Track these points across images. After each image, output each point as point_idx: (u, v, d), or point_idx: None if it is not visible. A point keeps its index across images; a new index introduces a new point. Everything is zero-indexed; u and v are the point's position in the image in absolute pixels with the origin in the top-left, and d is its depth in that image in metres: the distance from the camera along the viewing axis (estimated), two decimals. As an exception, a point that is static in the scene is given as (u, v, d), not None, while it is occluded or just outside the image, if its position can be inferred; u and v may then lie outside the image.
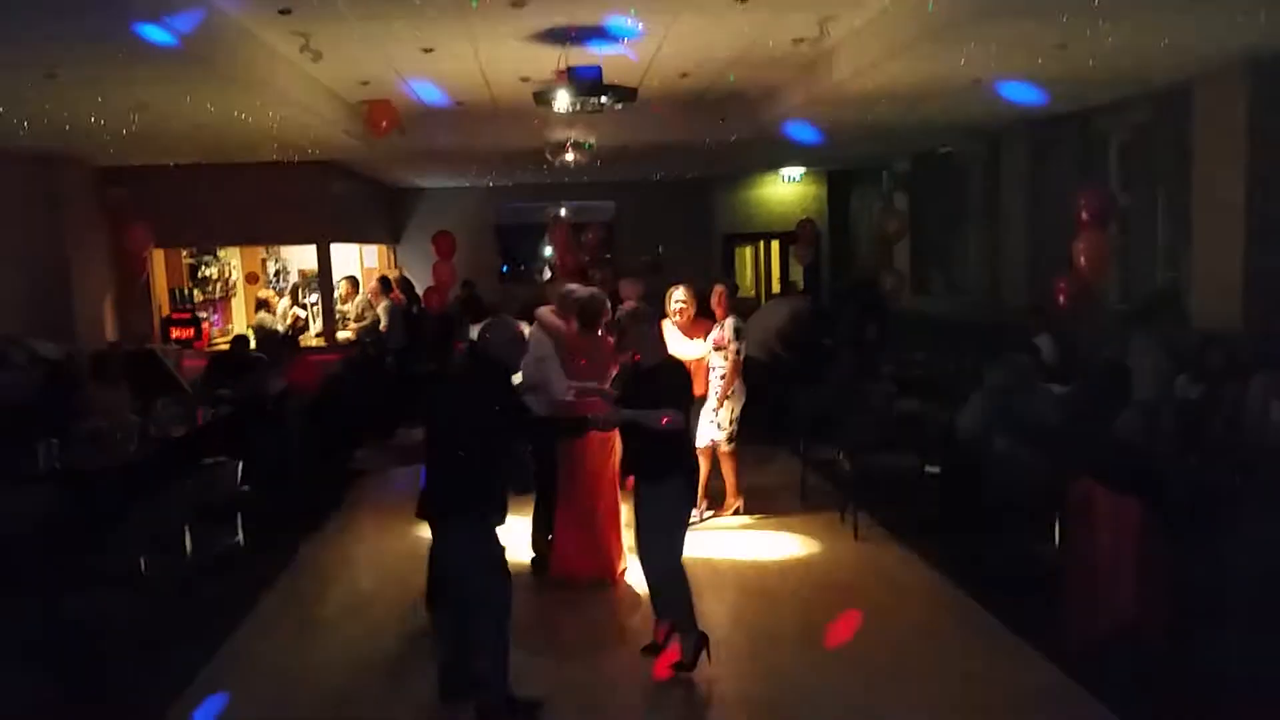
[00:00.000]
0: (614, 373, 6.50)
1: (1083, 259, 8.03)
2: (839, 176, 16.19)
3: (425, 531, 5.04)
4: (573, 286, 7.08)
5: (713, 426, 7.45)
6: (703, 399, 7.32)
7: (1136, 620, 4.84)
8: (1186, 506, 4.89)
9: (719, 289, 7.63)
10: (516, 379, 6.24)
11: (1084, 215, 8.00)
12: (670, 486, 5.00)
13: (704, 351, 7.35)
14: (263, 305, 12.83)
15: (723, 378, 7.36)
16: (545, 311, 6.92)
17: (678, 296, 7.44)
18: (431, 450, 4.77)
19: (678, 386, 5.13)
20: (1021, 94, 7.90)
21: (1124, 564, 4.92)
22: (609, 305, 6.76)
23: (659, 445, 4.94)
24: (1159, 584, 4.80)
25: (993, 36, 6.04)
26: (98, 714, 4.90)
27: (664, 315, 7.13)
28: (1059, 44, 6.26)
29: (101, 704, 4.98)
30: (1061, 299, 8.37)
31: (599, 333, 6.59)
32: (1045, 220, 9.95)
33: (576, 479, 6.42)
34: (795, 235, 14.92)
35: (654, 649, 5.19)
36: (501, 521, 4.68)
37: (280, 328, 12.09)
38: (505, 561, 4.70)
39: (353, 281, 13.14)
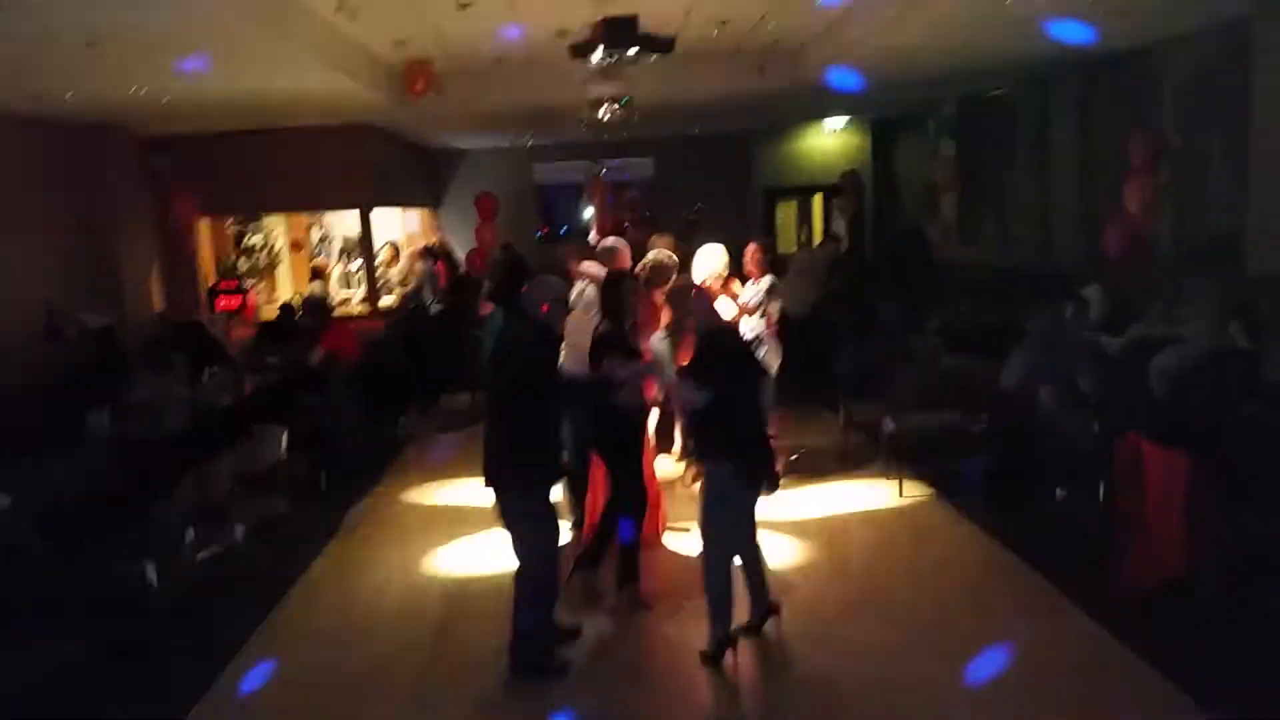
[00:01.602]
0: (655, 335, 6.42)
1: (1133, 204, 7.79)
2: (883, 125, 15.83)
3: (469, 496, 5.06)
4: (609, 240, 7.00)
5: None
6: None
7: (1185, 576, 4.73)
8: (1238, 458, 4.75)
9: (753, 247, 7.47)
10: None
11: (1135, 159, 7.75)
12: (720, 467, 4.79)
13: (730, 314, 7.17)
14: (317, 274, 12.93)
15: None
16: (590, 264, 6.83)
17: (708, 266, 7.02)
18: (486, 416, 4.78)
19: (729, 356, 4.88)
20: (1069, 32, 7.62)
21: (1172, 519, 4.80)
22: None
23: (709, 420, 4.79)
24: (1208, 539, 4.68)
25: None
26: (151, 678, 5.01)
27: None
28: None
29: (155, 669, 5.09)
30: (1111, 247, 8.13)
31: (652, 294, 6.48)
32: (1098, 165, 9.65)
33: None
34: (838, 187, 14.68)
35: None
36: (551, 486, 4.71)
37: (333, 294, 12.18)
38: (557, 526, 4.77)
39: (394, 247, 13.17)
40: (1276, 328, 5.94)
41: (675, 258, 6.74)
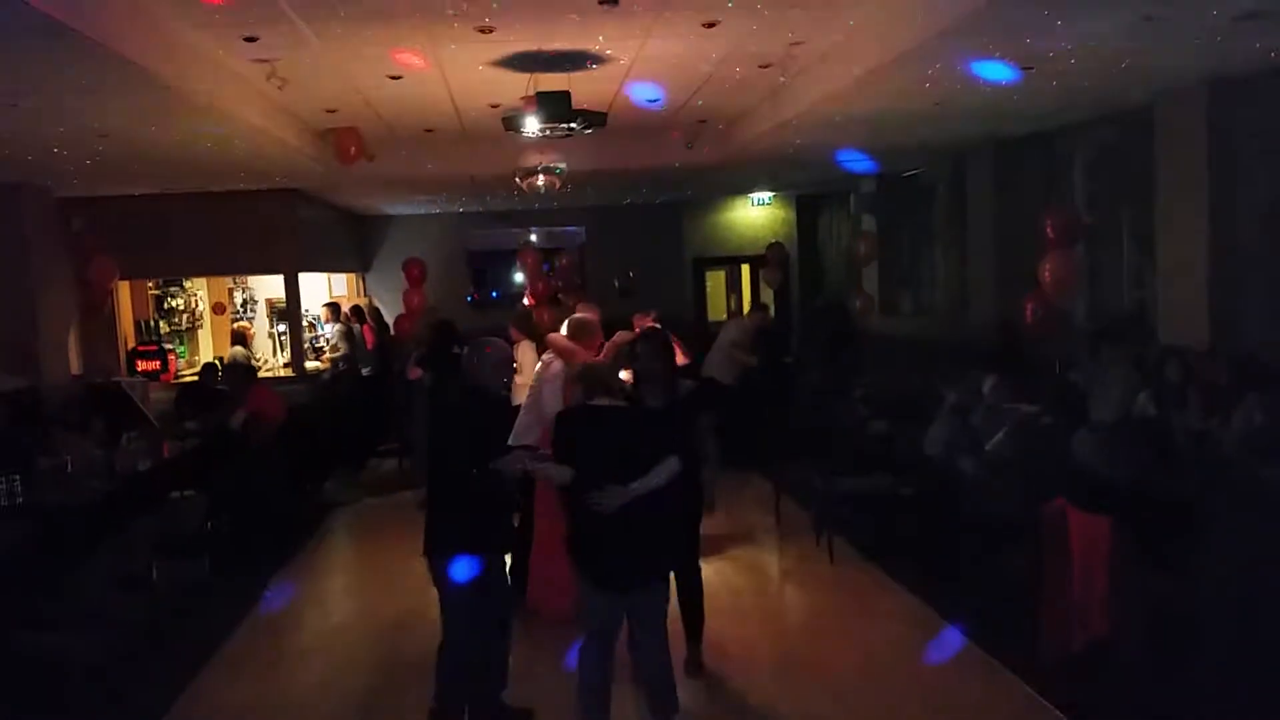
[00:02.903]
0: None
1: (1048, 278, 8.11)
2: (807, 199, 16.31)
3: (397, 562, 4.96)
4: (583, 315, 6.96)
5: None
6: None
7: (1108, 639, 4.85)
8: (1155, 524, 4.92)
9: (641, 319, 7.58)
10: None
11: (1049, 235, 8.10)
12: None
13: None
14: (239, 338, 12.69)
15: None
16: (558, 337, 6.81)
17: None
18: (429, 481, 4.71)
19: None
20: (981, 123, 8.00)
21: (1095, 583, 4.94)
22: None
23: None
24: (1131, 602, 4.82)
25: (957, 59, 6.12)
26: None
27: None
28: (1023, 66, 6.35)
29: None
30: (1029, 318, 8.44)
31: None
32: (1012, 240, 10.05)
33: (551, 512, 6.14)
34: (765, 258, 15.00)
35: None
36: (490, 553, 4.63)
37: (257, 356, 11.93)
38: (492, 598, 4.67)
39: (333, 309, 13.01)
40: (1183, 396, 6.22)
41: (595, 319, 6.81)
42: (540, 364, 6.61)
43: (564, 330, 6.78)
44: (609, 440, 4.35)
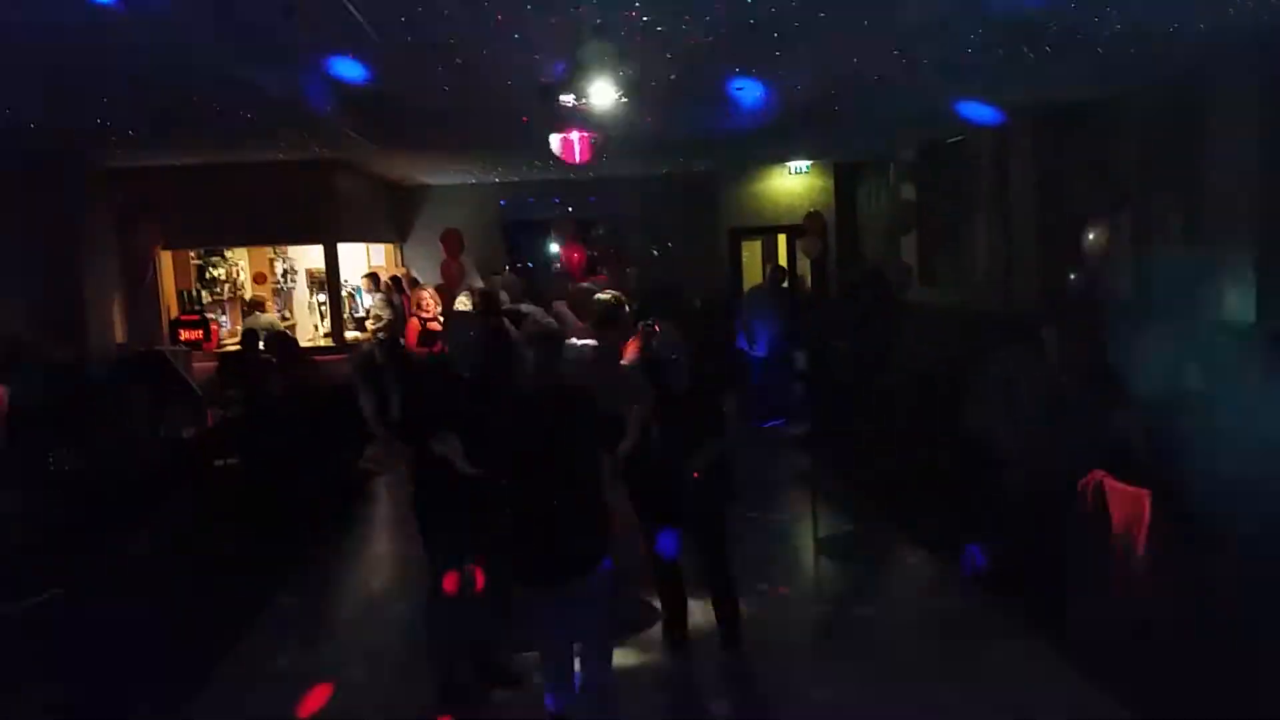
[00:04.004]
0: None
1: (1092, 249, 7.98)
2: (846, 168, 16.10)
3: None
4: (586, 285, 6.97)
5: None
6: None
7: (1149, 613, 4.81)
8: (1201, 498, 4.85)
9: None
10: None
11: (1094, 205, 7.95)
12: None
13: None
14: (258, 305, 12.76)
15: None
16: (562, 306, 6.80)
17: None
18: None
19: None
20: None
21: (1136, 557, 4.89)
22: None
23: None
24: (1172, 577, 4.76)
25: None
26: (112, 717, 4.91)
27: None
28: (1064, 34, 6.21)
29: (114, 708, 4.98)
30: (1071, 290, 8.31)
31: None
32: (1056, 210, 9.88)
33: None
34: (803, 229, 14.87)
35: None
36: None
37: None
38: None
39: (373, 279, 13.08)
40: (1230, 374, 6.09)
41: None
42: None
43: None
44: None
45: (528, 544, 4.04)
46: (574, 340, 6.28)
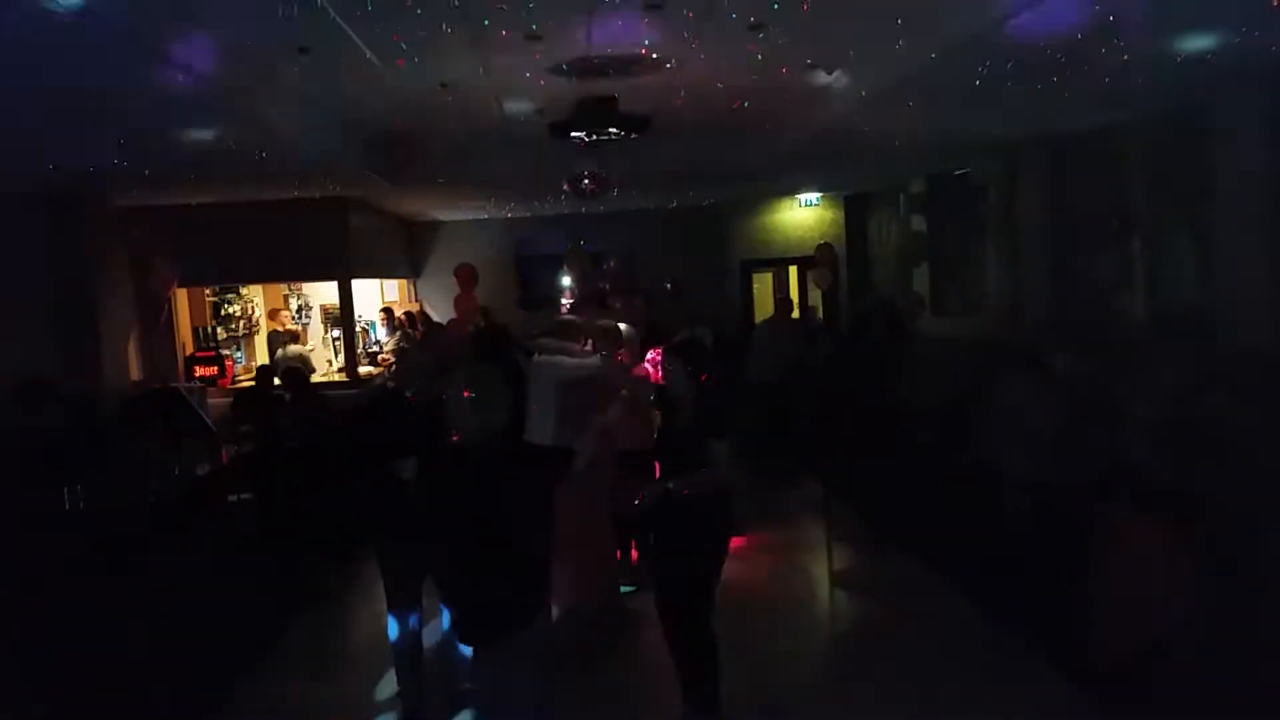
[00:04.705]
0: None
1: (1102, 277, 7.97)
2: (856, 200, 16.17)
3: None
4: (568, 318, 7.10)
5: None
6: None
7: (1161, 640, 4.76)
8: (1215, 526, 4.81)
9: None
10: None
11: (1103, 233, 7.94)
12: None
13: None
14: (293, 338, 12.87)
15: None
16: (547, 341, 6.88)
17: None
18: None
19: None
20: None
21: (1152, 586, 4.85)
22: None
23: None
24: (1188, 607, 4.72)
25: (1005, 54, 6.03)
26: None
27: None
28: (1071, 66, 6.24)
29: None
30: (1084, 316, 8.30)
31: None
32: (1065, 239, 9.88)
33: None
34: (814, 260, 14.91)
35: None
36: None
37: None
38: None
39: (388, 314, 13.16)
40: (1245, 399, 6.06)
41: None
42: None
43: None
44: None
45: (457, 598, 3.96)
46: (567, 359, 6.37)
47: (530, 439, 5.44)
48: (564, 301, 12.56)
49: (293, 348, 12.42)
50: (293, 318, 13.95)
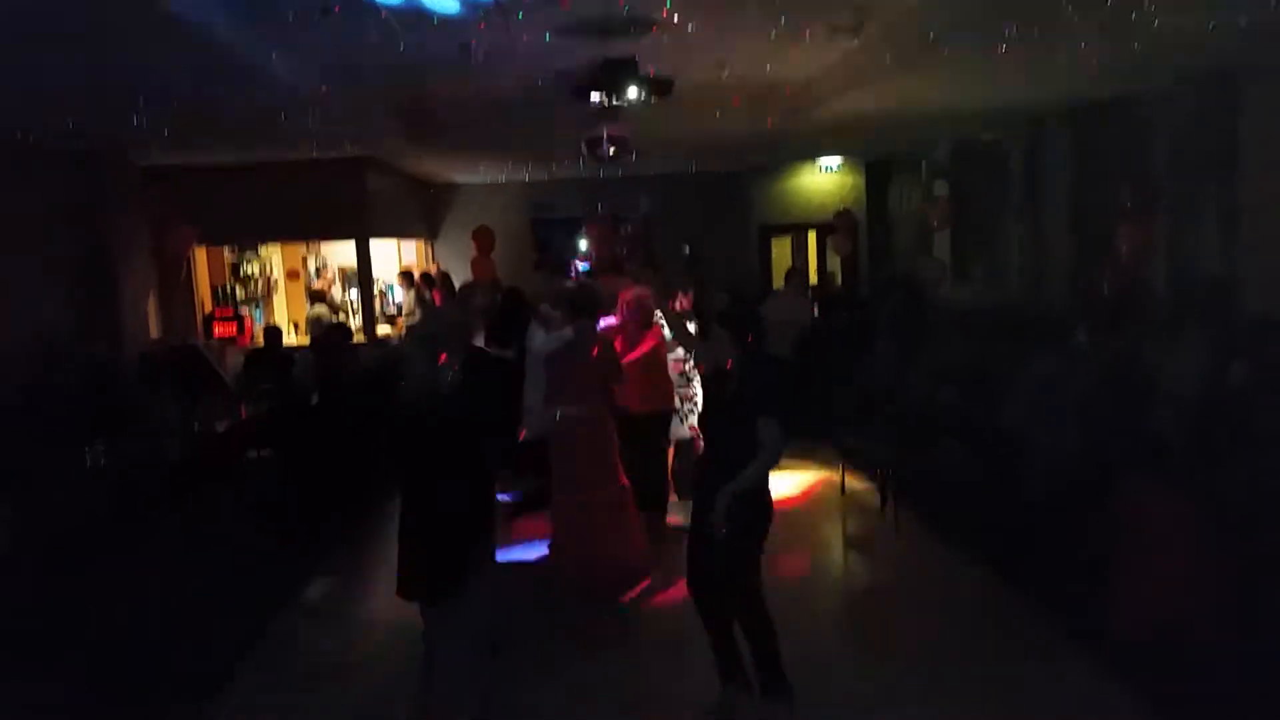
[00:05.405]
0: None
1: (1127, 247, 7.88)
2: (877, 165, 15.99)
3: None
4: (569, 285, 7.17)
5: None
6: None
7: (1184, 617, 4.74)
8: (1237, 501, 4.78)
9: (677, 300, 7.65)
10: None
11: (1128, 203, 7.85)
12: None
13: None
14: (318, 298, 12.94)
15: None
16: (546, 307, 6.94)
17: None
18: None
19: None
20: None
21: (1172, 559, 4.83)
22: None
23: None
24: (1209, 580, 4.70)
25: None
26: (138, 713, 4.96)
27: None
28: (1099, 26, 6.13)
29: (141, 702, 5.04)
30: (1105, 288, 8.22)
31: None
32: (1090, 208, 9.77)
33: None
34: (833, 226, 14.79)
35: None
36: None
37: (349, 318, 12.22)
38: None
39: (406, 277, 13.17)
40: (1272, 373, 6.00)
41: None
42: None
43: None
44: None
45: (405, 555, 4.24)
46: (544, 332, 6.59)
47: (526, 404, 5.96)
48: (578, 265, 12.56)
49: (319, 306, 12.51)
50: (309, 280, 14.00)
